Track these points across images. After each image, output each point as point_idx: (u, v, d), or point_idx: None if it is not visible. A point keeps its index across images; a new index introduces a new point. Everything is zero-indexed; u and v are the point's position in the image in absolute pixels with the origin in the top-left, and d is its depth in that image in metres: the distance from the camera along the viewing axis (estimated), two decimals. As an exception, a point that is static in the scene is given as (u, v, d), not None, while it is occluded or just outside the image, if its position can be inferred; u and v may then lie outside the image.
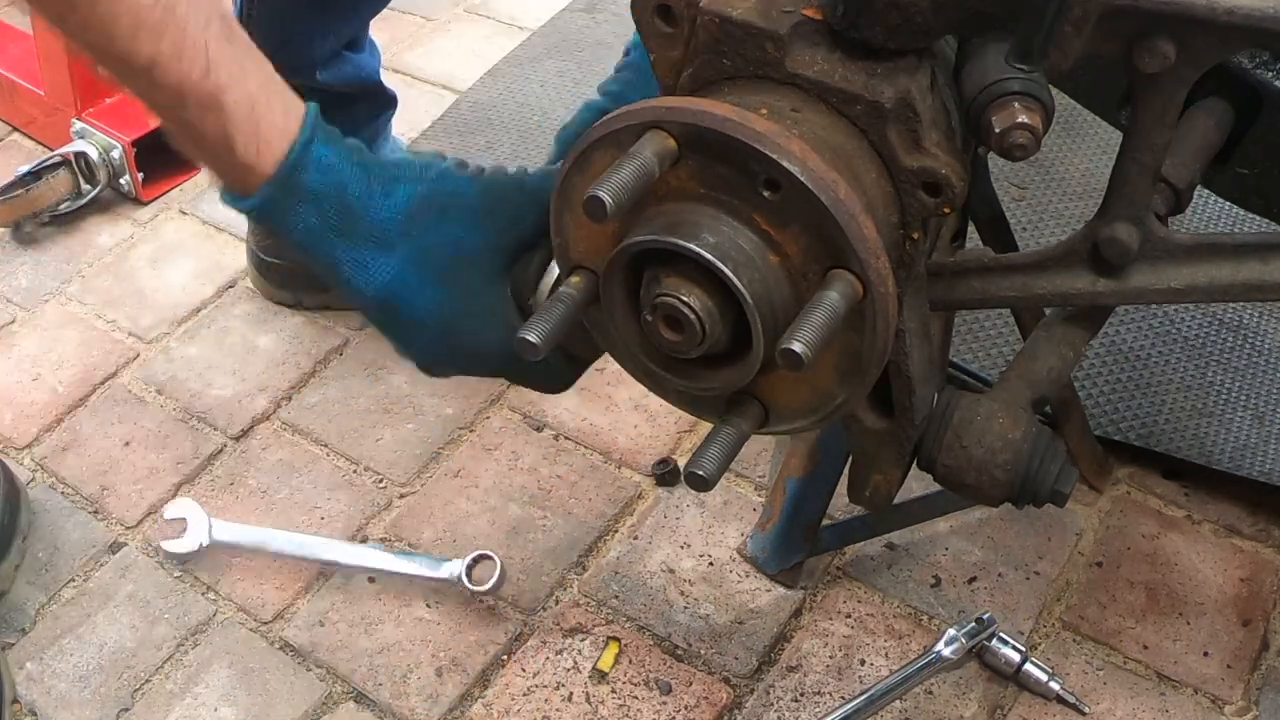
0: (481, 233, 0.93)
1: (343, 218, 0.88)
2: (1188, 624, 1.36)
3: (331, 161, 0.88)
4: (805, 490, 1.33)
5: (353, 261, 0.90)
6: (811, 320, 0.76)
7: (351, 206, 0.88)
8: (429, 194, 0.91)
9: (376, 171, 0.90)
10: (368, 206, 0.89)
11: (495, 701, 1.31)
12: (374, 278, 0.90)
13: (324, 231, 0.88)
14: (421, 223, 0.90)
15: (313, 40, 1.53)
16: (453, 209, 0.92)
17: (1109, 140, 1.85)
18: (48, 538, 1.47)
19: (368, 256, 0.90)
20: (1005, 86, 0.83)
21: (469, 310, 0.93)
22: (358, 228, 0.89)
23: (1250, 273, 0.95)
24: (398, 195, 0.90)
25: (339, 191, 0.88)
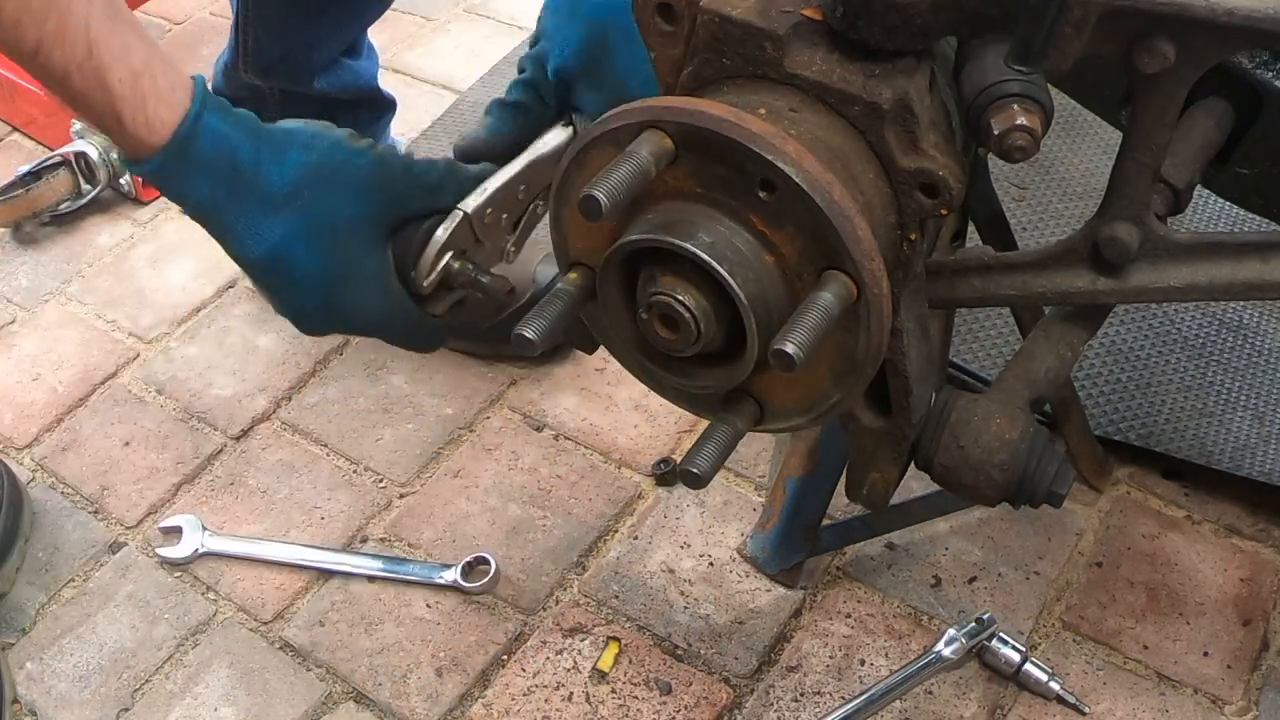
0: (364, 203, 0.98)
1: (234, 184, 0.93)
2: (1188, 624, 1.36)
3: (223, 130, 0.93)
4: (805, 490, 1.33)
5: (243, 224, 0.95)
6: (805, 321, 0.76)
7: (242, 173, 0.93)
8: (318, 162, 0.96)
9: (267, 139, 0.95)
10: (258, 173, 0.93)
11: (495, 701, 1.31)
12: (262, 240, 0.96)
13: (216, 197, 0.94)
14: (309, 190, 0.95)
15: (311, 49, 1.53)
16: (340, 179, 0.96)
17: (1109, 140, 1.85)
18: (48, 538, 1.47)
19: (257, 220, 0.95)
20: (1004, 88, 0.83)
21: (347, 275, 0.99)
22: (248, 193, 0.93)
23: (1250, 272, 0.94)
24: (288, 161, 0.95)
25: (230, 158, 0.93)
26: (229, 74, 1.56)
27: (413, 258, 1.05)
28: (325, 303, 1.01)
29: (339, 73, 1.57)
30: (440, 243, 1.06)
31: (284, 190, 0.94)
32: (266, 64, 1.50)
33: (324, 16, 1.51)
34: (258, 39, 1.49)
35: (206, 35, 2.26)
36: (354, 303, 1.01)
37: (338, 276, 0.99)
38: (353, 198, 0.97)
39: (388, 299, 1.02)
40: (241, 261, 1.00)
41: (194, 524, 1.45)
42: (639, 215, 0.84)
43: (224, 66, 1.58)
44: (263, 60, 1.50)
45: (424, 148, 1.97)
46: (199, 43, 2.24)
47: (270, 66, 1.51)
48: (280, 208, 0.95)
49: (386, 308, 1.02)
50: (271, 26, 1.48)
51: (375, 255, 1.00)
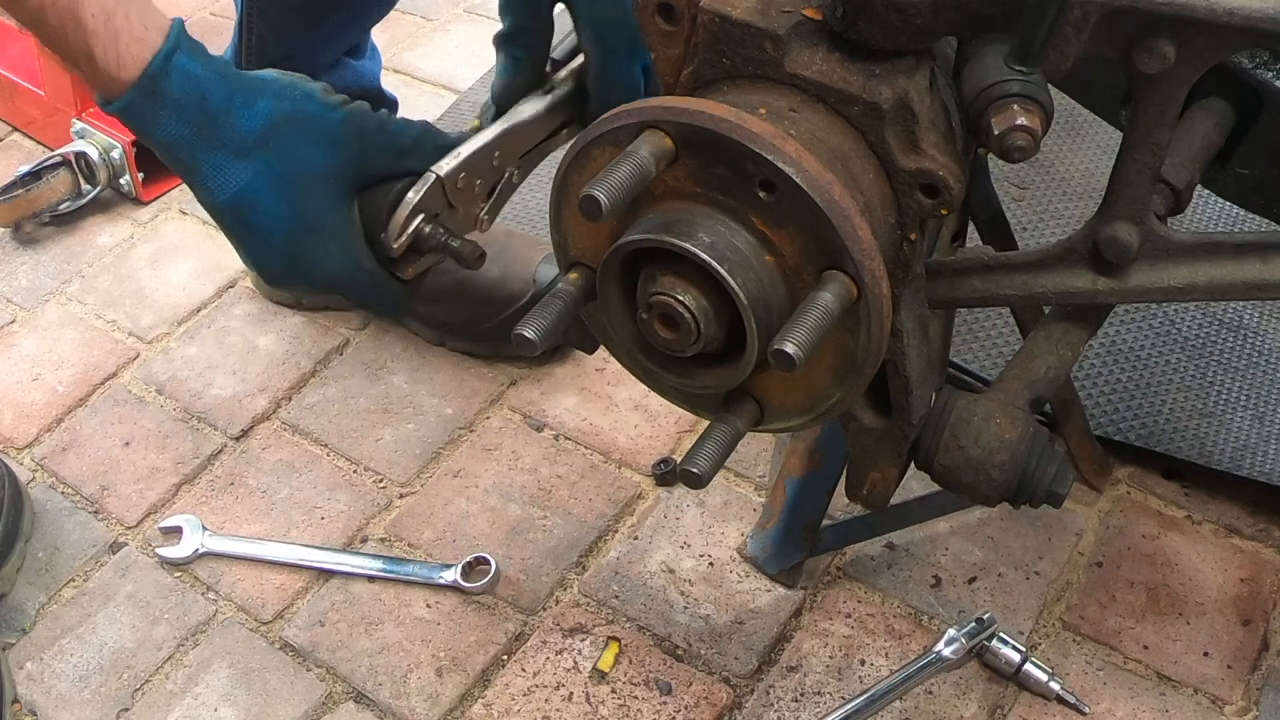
0: (333, 156, 0.98)
1: (203, 125, 0.93)
2: (1188, 624, 1.36)
3: (195, 71, 0.93)
4: (805, 490, 1.33)
5: (211, 166, 0.95)
6: (804, 321, 0.76)
7: (213, 115, 0.93)
8: (289, 111, 0.96)
9: (239, 84, 0.95)
10: (229, 116, 0.94)
11: (495, 701, 1.31)
12: (228, 183, 0.96)
13: (184, 137, 0.94)
14: (278, 137, 0.95)
15: (314, 49, 1.53)
16: (310, 129, 0.97)
17: (1109, 140, 1.85)
18: (48, 538, 1.47)
19: (224, 163, 0.95)
20: (1004, 88, 0.83)
21: (313, 226, 0.99)
22: (218, 135, 0.94)
23: (1250, 272, 0.95)
24: (258, 108, 0.95)
25: (200, 100, 0.93)
26: None
27: (383, 219, 1.05)
28: (288, 253, 1.01)
29: (342, 73, 1.57)
30: (411, 204, 1.05)
31: (252, 135, 0.95)
32: (269, 64, 1.50)
33: (327, 17, 1.51)
34: (261, 39, 1.49)
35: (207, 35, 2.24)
36: (317, 256, 1.01)
37: (301, 227, 0.99)
38: (322, 149, 0.98)
39: (352, 255, 1.02)
40: (207, 205, 1.00)
41: (194, 524, 1.45)
42: (639, 215, 0.84)
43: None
44: (266, 60, 1.50)
45: (424, 148, 1.97)
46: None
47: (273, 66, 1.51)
48: (248, 153, 0.95)
49: (350, 263, 1.02)
50: (275, 26, 1.48)
51: (341, 210, 1.00)
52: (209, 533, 1.45)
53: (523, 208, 1.83)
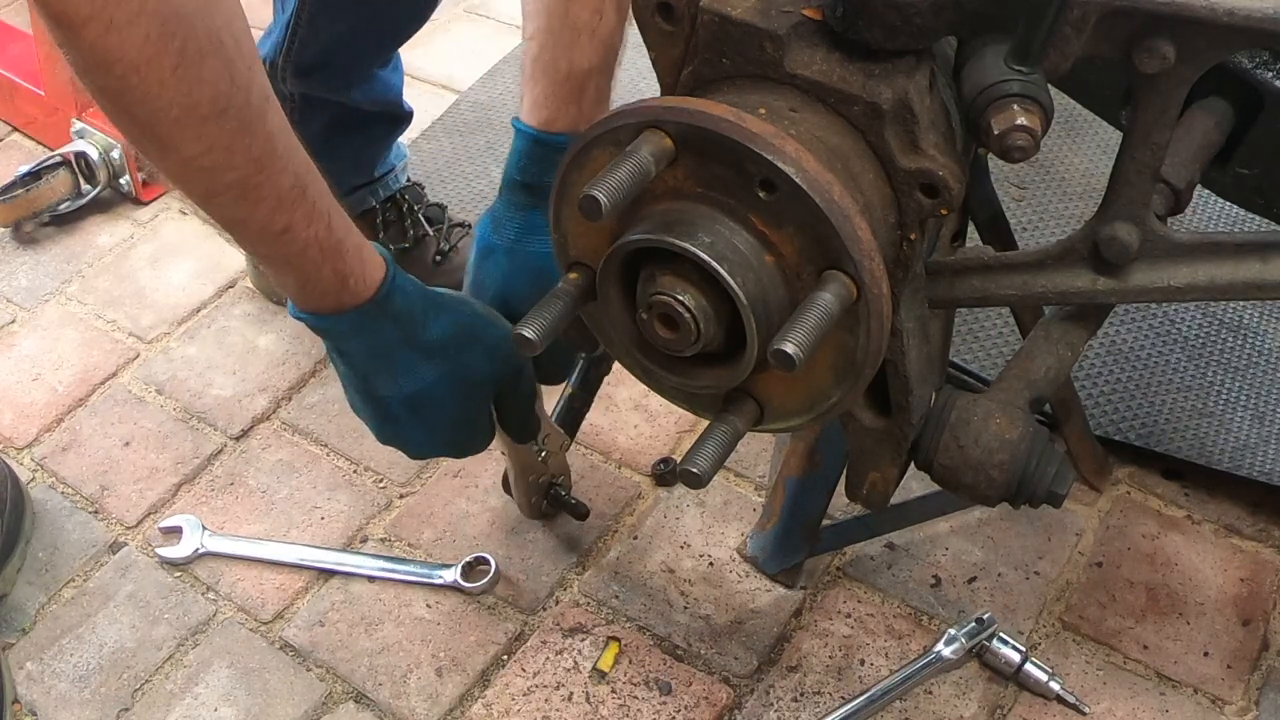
0: (494, 366, 1.15)
1: (410, 331, 1.08)
2: (1188, 624, 1.36)
3: (409, 288, 1.08)
4: (805, 490, 1.33)
5: (405, 365, 1.10)
6: (804, 321, 0.76)
7: (416, 322, 1.09)
8: (466, 324, 1.12)
9: (432, 299, 1.10)
10: (425, 326, 1.09)
11: (495, 701, 1.31)
12: (416, 379, 1.10)
13: (395, 339, 1.08)
14: (455, 346, 1.11)
15: (354, 59, 1.53)
16: (479, 342, 1.13)
17: (1109, 140, 1.85)
18: (48, 538, 1.47)
19: (415, 363, 1.10)
20: (1004, 88, 0.83)
21: (471, 419, 1.19)
22: (415, 339, 1.09)
23: (1250, 272, 0.95)
24: (443, 320, 1.10)
25: (410, 312, 1.08)
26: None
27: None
28: (449, 440, 1.20)
29: (373, 85, 1.56)
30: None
31: (439, 342, 1.10)
32: (307, 66, 1.50)
33: (372, 31, 1.51)
34: (304, 42, 1.48)
35: (206, 35, 2.26)
36: (467, 440, 1.21)
37: (464, 420, 1.17)
38: (489, 359, 1.14)
39: (488, 437, 1.23)
40: (385, 396, 1.12)
41: (194, 524, 1.45)
42: (639, 215, 0.84)
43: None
44: (303, 63, 1.49)
45: (424, 147, 1.97)
46: (199, 43, 2.24)
47: (310, 70, 1.50)
48: (434, 355, 1.10)
49: (484, 443, 1.23)
50: (321, 33, 1.47)
51: (486, 405, 1.19)
52: (209, 533, 1.45)
53: (523, 208, 1.82)
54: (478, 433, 1.21)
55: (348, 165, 1.60)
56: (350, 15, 1.47)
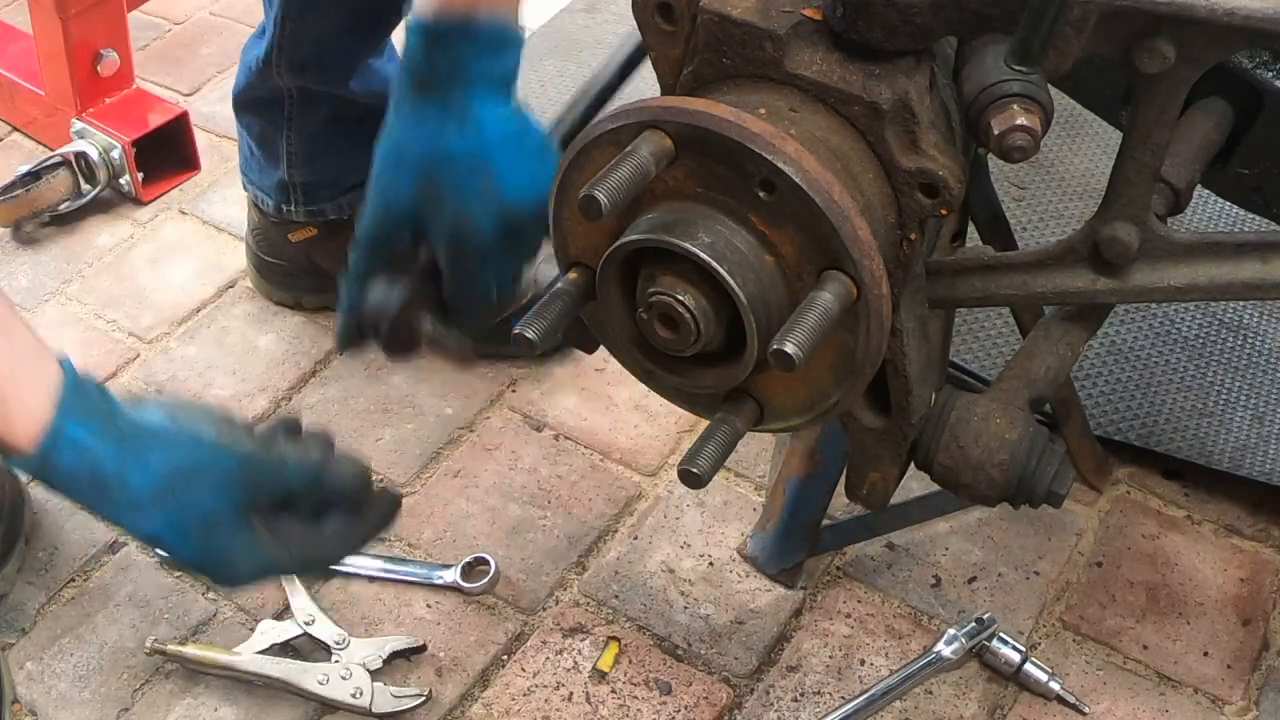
0: (229, 499, 0.98)
1: (98, 490, 0.94)
2: (1188, 624, 1.36)
3: (84, 442, 0.93)
4: (805, 490, 1.33)
5: (117, 516, 0.98)
6: (804, 321, 0.76)
7: (105, 480, 0.94)
8: (180, 465, 0.96)
9: (131, 442, 0.95)
10: (122, 478, 0.94)
11: (495, 701, 1.31)
12: (140, 530, 0.99)
13: (84, 496, 0.96)
14: (173, 490, 0.96)
15: (346, 52, 1.52)
16: (205, 477, 0.97)
17: (1109, 140, 1.85)
18: (48, 538, 1.47)
19: (127, 518, 0.97)
20: (1004, 88, 0.83)
21: (224, 559, 1.01)
22: (114, 496, 0.95)
23: (1250, 272, 0.95)
24: (150, 465, 0.95)
25: (91, 469, 0.93)
26: (260, 72, 1.54)
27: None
28: (213, 577, 1.05)
29: (370, 76, 1.56)
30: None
31: (148, 492, 0.95)
32: (301, 61, 1.49)
33: (365, 23, 1.51)
34: (294, 38, 1.48)
35: (207, 35, 2.26)
36: (237, 575, 1.03)
37: (216, 562, 1.01)
38: (217, 495, 0.98)
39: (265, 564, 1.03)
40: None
41: (194, 524, 1.44)
42: (639, 215, 0.84)
43: (255, 61, 1.55)
44: (297, 59, 1.49)
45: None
46: (199, 42, 2.24)
47: (304, 64, 1.50)
48: (147, 507, 0.96)
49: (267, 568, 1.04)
50: (311, 28, 1.47)
51: (246, 536, 1.00)
52: (209, 533, 1.44)
53: (523, 208, 1.83)
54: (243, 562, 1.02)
55: (348, 161, 1.60)
56: (337, 7, 1.47)
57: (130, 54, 1.94)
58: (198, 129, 1.94)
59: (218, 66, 2.16)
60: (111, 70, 1.90)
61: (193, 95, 2.12)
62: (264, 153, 1.61)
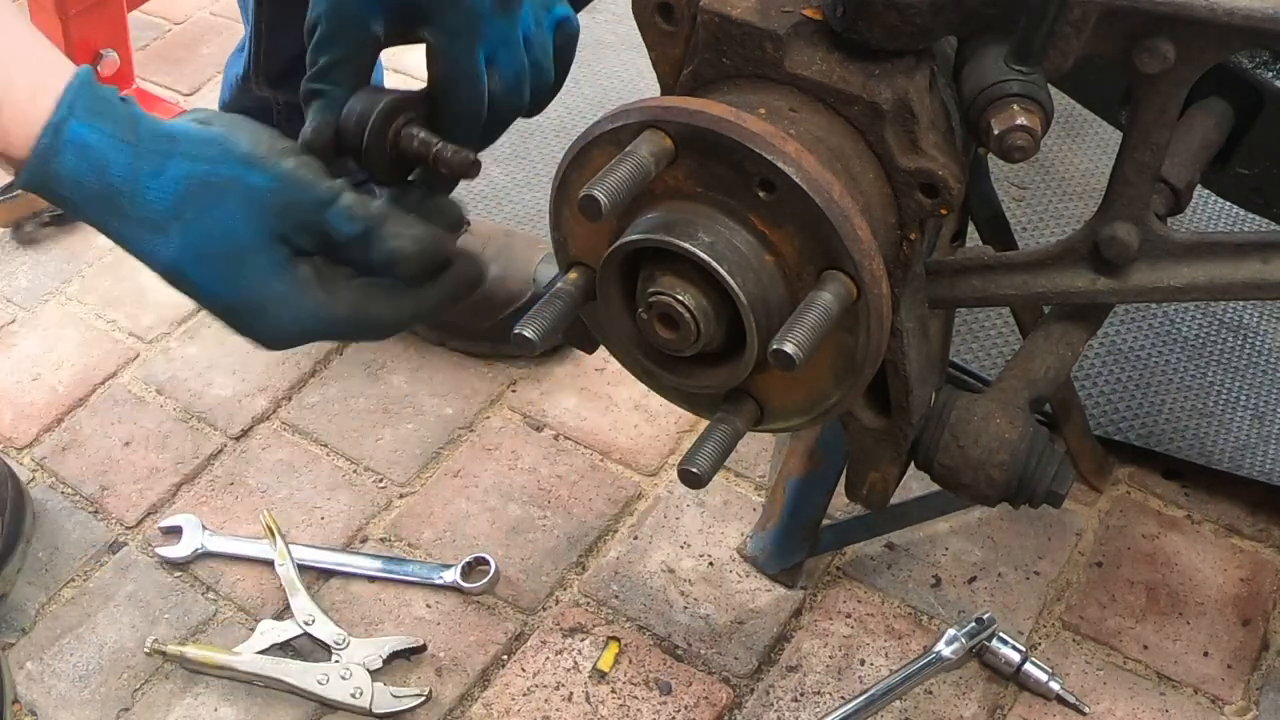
0: (259, 227, 0.84)
1: (109, 200, 0.82)
2: (1188, 624, 1.36)
3: (91, 141, 0.81)
4: (805, 490, 1.33)
5: (132, 242, 0.84)
6: (804, 321, 0.76)
7: (116, 188, 0.82)
8: (206, 175, 0.83)
9: (148, 146, 0.82)
10: (135, 187, 0.82)
11: (495, 701, 1.31)
12: (156, 258, 0.85)
13: (93, 213, 0.83)
14: (194, 206, 0.83)
15: None
16: (229, 195, 0.84)
17: (1109, 140, 1.85)
18: (48, 538, 1.47)
19: (144, 238, 0.83)
20: (1004, 88, 0.83)
21: (257, 303, 0.87)
22: (126, 209, 0.82)
23: (1250, 272, 0.95)
24: (168, 174, 0.82)
25: (100, 174, 0.81)
26: (241, 87, 1.55)
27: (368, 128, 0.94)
28: (240, 323, 0.89)
29: None
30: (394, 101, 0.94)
31: (164, 207, 0.82)
32: (279, 73, 1.49)
33: None
34: (272, 46, 1.48)
35: (207, 35, 2.26)
36: (269, 328, 0.89)
37: (248, 303, 0.87)
38: (247, 218, 0.84)
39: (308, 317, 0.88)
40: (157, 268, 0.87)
41: (194, 524, 1.45)
42: (639, 215, 0.84)
43: (236, 79, 1.56)
44: (275, 68, 1.49)
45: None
46: (199, 42, 2.24)
47: (283, 77, 1.50)
48: (165, 225, 0.83)
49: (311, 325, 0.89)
50: (288, 33, 1.47)
51: (285, 276, 0.86)
52: (209, 533, 1.45)
53: (522, 207, 1.83)
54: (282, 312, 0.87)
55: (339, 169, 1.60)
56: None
57: (130, 54, 1.94)
58: (198, 129, 1.94)
59: (218, 66, 2.15)
60: (111, 70, 1.90)
61: (193, 95, 2.12)
62: None
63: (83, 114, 0.81)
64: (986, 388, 1.04)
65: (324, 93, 0.95)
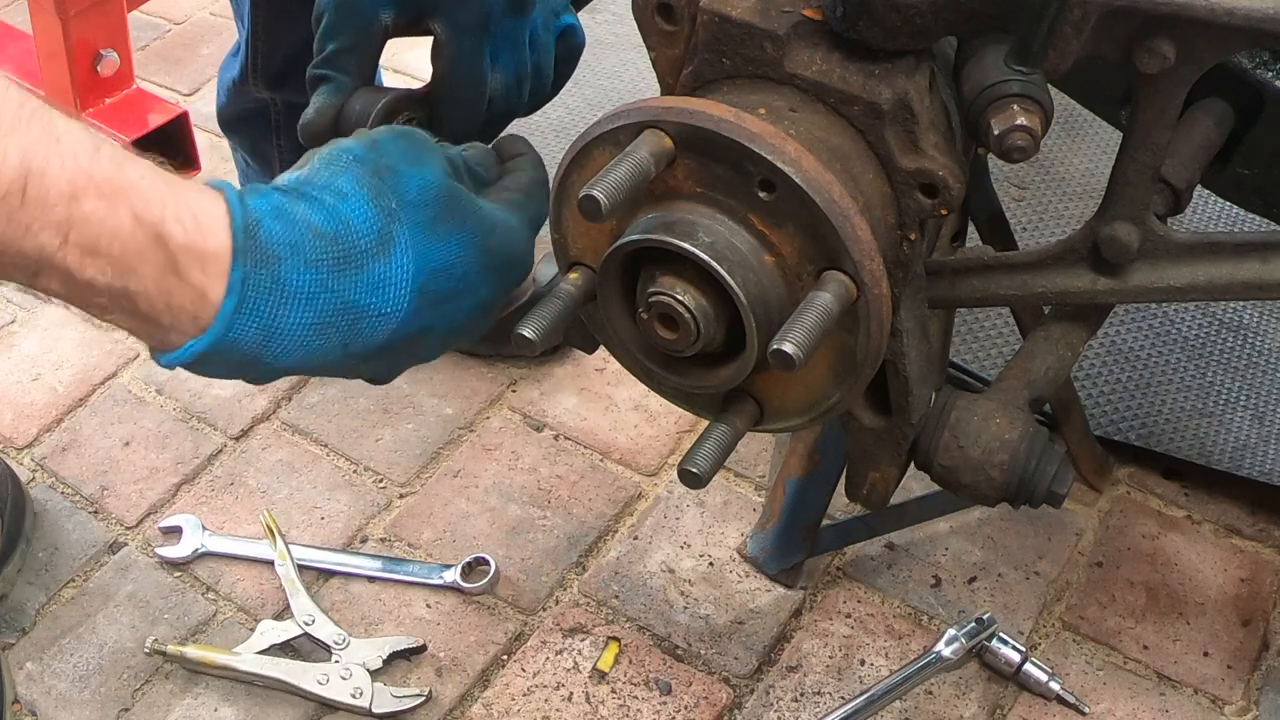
0: (433, 159, 0.84)
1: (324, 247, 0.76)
2: (1188, 624, 1.36)
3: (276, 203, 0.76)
4: (805, 490, 1.33)
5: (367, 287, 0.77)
6: (804, 321, 0.76)
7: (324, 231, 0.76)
8: (364, 150, 0.82)
9: (316, 186, 0.79)
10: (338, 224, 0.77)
11: (495, 701, 1.31)
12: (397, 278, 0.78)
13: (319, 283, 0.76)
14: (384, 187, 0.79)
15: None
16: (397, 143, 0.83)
17: (1109, 140, 1.85)
18: (48, 538, 1.47)
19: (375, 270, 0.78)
20: (1004, 88, 0.83)
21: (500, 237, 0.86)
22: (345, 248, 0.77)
23: (1250, 272, 0.95)
24: (343, 185, 0.79)
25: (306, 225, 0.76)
26: (238, 89, 1.55)
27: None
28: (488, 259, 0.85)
29: None
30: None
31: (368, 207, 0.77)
32: (276, 74, 1.49)
33: None
34: (267, 55, 1.48)
35: (206, 35, 2.26)
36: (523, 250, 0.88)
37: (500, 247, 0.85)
38: (416, 159, 0.82)
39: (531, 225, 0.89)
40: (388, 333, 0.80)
41: (194, 524, 1.45)
42: (639, 215, 0.84)
43: (231, 83, 1.56)
44: (273, 69, 1.49)
45: (424, 148, 1.96)
46: (199, 42, 2.24)
47: (280, 78, 1.50)
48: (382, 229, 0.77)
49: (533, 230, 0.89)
50: (281, 42, 1.47)
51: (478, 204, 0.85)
52: (209, 533, 1.45)
53: (523, 208, 1.83)
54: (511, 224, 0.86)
55: None
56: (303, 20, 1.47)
57: (130, 54, 1.94)
58: (198, 129, 1.94)
59: (217, 67, 2.14)
60: (111, 70, 1.90)
61: (193, 95, 2.12)
62: (259, 164, 1.62)
63: (249, 191, 0.77)
64: (986, 388, 1.04)
65: (329, 78, 0.96)
